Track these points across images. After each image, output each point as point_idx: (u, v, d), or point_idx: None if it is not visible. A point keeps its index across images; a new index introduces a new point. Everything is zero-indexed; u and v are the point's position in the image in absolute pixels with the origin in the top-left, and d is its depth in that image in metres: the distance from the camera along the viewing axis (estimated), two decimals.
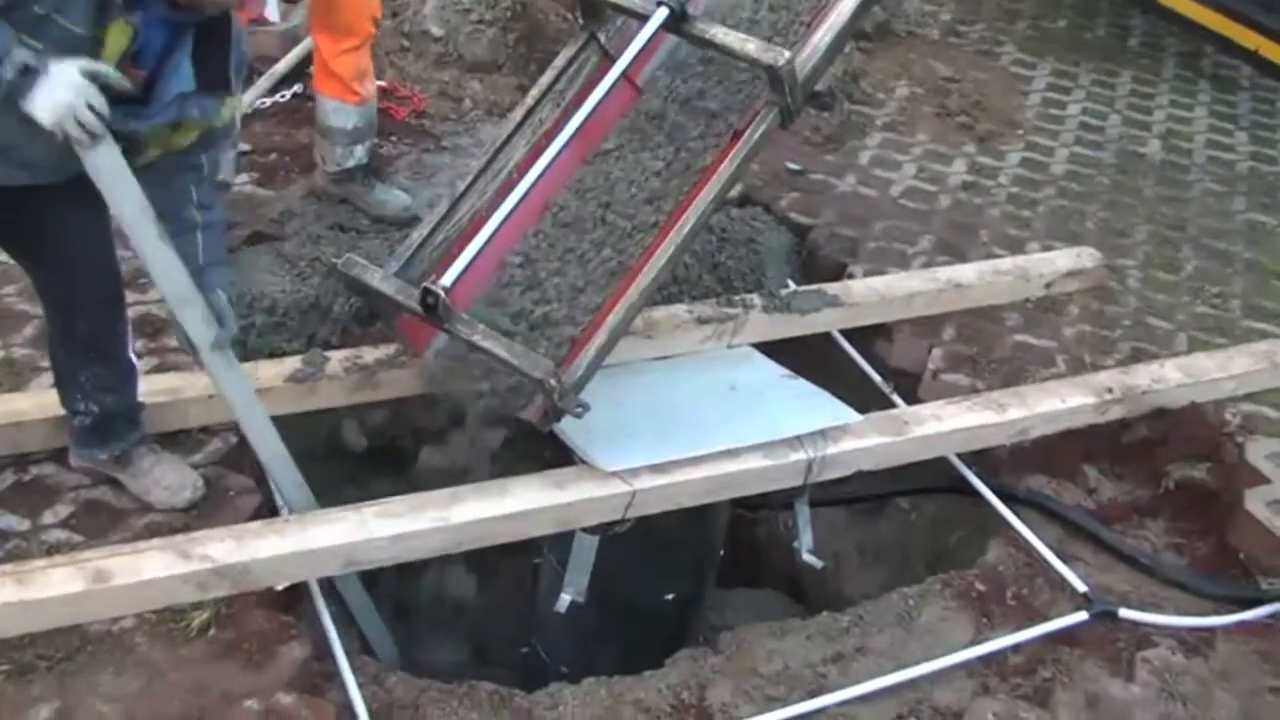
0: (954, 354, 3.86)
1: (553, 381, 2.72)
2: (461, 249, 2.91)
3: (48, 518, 2.89)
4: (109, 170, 2.36)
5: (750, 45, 2.89)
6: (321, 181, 4.11)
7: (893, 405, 3.64)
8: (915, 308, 3.89)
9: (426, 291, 2.80)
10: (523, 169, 3.06)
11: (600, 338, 2.86)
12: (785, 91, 2.89)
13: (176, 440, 3.10)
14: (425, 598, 3.89)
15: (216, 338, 2.65)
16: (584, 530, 3.07)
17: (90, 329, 2.78)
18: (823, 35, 3.02)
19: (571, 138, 3.00)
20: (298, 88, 4.64)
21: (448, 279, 2.81)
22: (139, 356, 2.99)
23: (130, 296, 3.00)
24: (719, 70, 3.33)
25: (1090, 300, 4.15)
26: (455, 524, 2.81)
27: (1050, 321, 4.03)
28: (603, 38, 3.28)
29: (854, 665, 2.92)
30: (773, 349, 3.62)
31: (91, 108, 2.22)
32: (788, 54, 2.84)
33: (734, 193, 3.99)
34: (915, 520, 3.85)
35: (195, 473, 3.00)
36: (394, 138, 4.56)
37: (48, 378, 3.08)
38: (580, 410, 2.81)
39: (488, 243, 2.88)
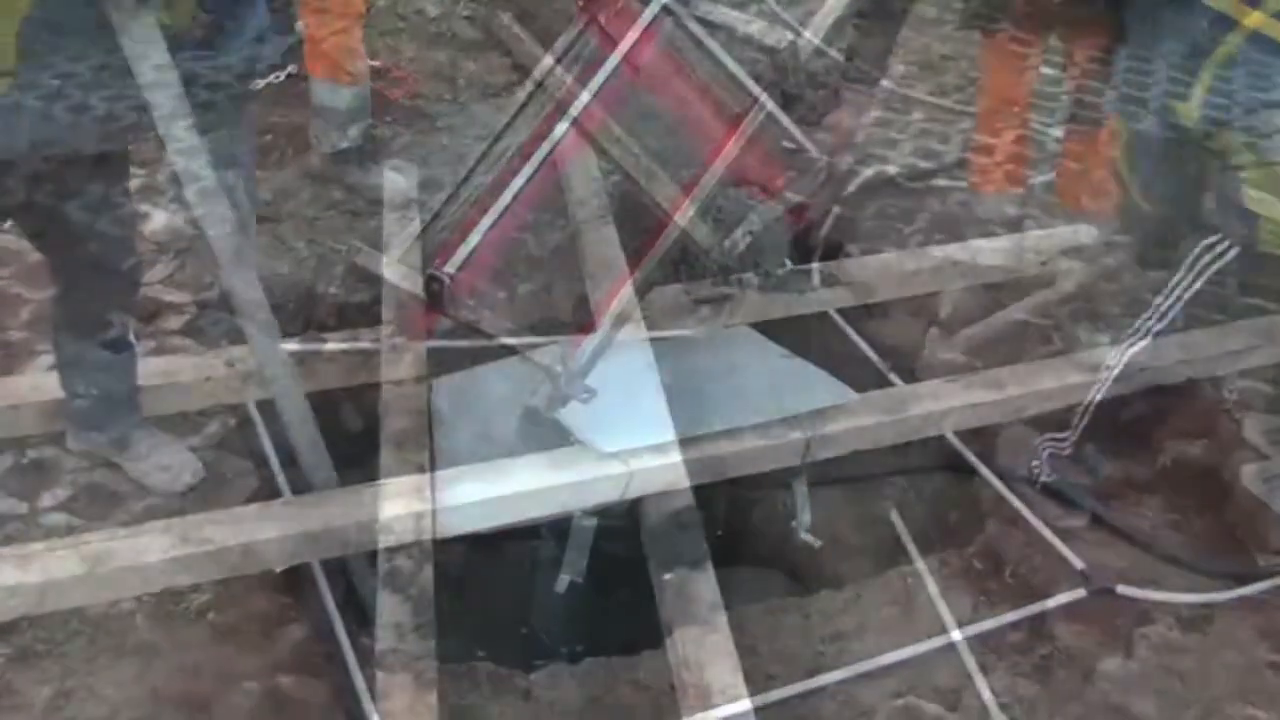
0: (951, 332, 3.85)
1: (559, 368, 2.72)
2: (465, 235, 2.90)
3: (46, 500, 2.89)
4: (144, 40, 2.25)
5: (753, 27, 2.88)
6: (317, 163, 4.10)
7: (890, 384, 3.64)
8: (912, 286, 3.88)
9: (431, 278, 2.79)
10: (525, 153, 3.05)
11: (606, 323, 2.86)
12: (788, 73, 2.88)
13: (174, 423, 3.10)
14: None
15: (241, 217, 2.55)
16: (582, 511, 3.07)
17: (101, 308, 2.78)
18: (825, 17, 3.01)
19: (573, 122, 2.98)
20: (292, 69, 4.61)
21: (452, 265, 2.80)
22: (137, 339, 2.99)
23: None
24: None
25: (1087, 277, 4.14)
26: (454, 505, 2.80)
27: (1047, 299, 4.02)
28: (603, 19, 3.26)
29: (852, 644, 2.93)
30: (769, 329, 3.61)
31: None
32: (790, 36, 2.83)
33: None
34: (913, 499, 3.85)
35: (193, 456, 3.00)
36: (389, 118, 4.54)
37: (45, 360, 3.08)
38: (586, 396, 2.81)
39: (491, 228, 2.87)
